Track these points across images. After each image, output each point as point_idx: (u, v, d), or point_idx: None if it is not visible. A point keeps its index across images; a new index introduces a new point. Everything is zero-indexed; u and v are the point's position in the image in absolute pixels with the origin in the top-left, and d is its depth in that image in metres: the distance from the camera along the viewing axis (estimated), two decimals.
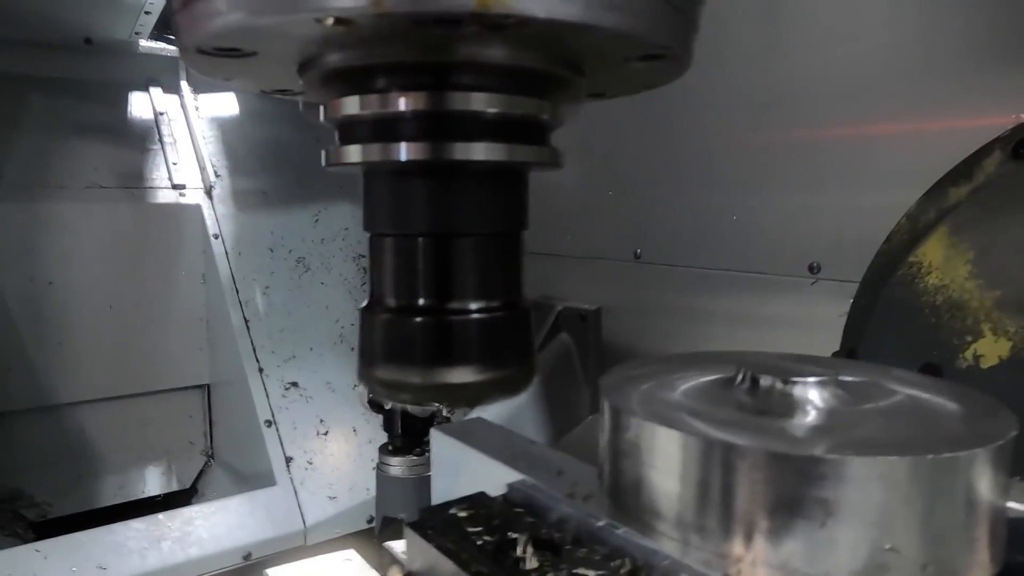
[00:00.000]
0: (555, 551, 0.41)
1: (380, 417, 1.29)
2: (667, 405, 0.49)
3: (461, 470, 0.56)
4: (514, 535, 0.42)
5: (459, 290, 0.51)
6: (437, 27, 0.39)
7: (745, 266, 1.28)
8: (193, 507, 1.59)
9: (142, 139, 2.15)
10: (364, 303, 0.55)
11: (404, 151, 0.48)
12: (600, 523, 0.43)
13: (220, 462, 2.19)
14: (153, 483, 2.13)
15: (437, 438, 0.63)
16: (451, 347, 0.50)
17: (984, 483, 0.41)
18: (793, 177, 1.21)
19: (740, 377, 0.51)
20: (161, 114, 2.22)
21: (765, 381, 0.48)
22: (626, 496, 0.48)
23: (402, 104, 0.47)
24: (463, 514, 0.46)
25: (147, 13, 2.01)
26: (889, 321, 0.94)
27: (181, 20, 0.45)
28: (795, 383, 0.47)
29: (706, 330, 1.37)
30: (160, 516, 1.50)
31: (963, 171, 0.92)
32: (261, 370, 1.87)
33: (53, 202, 1.93)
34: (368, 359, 0.53)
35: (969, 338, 0.85)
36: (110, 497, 2.03)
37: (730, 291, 1.32)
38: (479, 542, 0.43)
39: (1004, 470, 0.43)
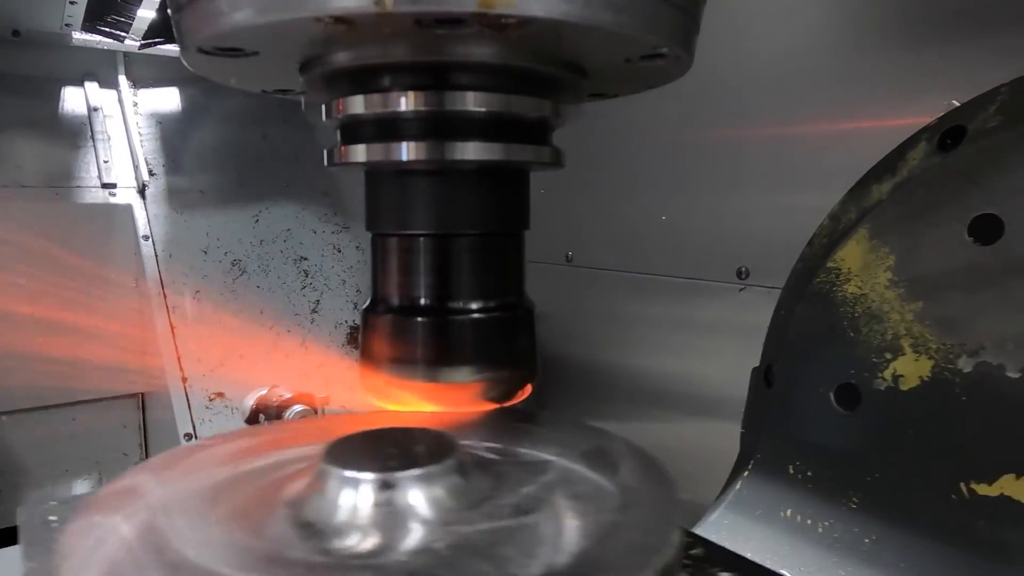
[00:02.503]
0: None
1: None
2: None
3: None
4: None
5: (460, 290, 0.51)
6: (439, 27, 0.39)
7: (675, 271, 1.18)
8: None
9: (73, 136, 2.05)
10: (367, 303, 0.54)
11: (406, 151, 0.47)
12: None
13: None
14: None
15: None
16: (452, 347, 0.50)
17: None
18: (721, 177, 1.10)
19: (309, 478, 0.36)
20: (95, 109, 2.12)
21: (325, 488, 0.34)
22: None
23: (403, 104, 0.46)
24: None
25: (72, 3, 1.91)
26: (806, 335, 0.84)
27: (182, 20, 0.44)
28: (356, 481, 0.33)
29: (640, 337, 1.27)
30: None
31: (887, 165, 0.82)
32: (185, 379, 1.77)
33: None
34: (368, 359, 0.52)
35: (888, 355, 0.74)
36: None
37: (662, 297, 1.22)
38: None
39: None
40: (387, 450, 0.37)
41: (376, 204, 0.53)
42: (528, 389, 0.55)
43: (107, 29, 2.14)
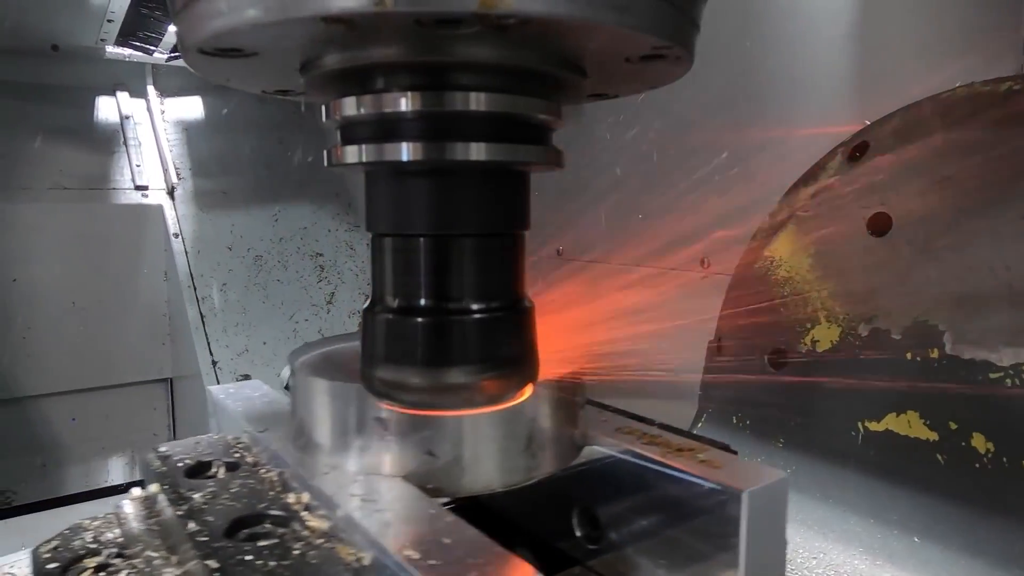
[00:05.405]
0: None
1: None
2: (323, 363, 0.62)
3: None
4: None
5: (460, 290, 0.51)
6: (440, 27, 0.39)
7: (649, 261, 1.37)
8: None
9: (107, 142, 2.23)
10: (366, 303, 0.54)
11: (405, 151, 0.47)
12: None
13: None
14: (116, 472, 2.20)
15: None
16: (451, 347, 0.50)
17: None
18: (686, 179, 1.29)
19: None
20: (127, 118, 2.29)
21: None
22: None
23: (403, 104, 0.46)
24: None
25: (110, 21, 2.08)
26: (748, 311, 1.03)
27: (182, 21, 0.44)
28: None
29: (619, 320, 1.46)
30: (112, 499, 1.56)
31: (812, 173, 1.00)
32: (215, 363, 1.95)
33: (17, 203, 2.01)
34: (369, 359, 0.53)
35: (809, 325, 0.93)
36: (74, 486, 2.11)
37: (639, 284, 1.40)
38: None
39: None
40: None
41: (376, 205, 0.53)
42: (529, 388, 0.56)
43: (138, 43, 2.32)
